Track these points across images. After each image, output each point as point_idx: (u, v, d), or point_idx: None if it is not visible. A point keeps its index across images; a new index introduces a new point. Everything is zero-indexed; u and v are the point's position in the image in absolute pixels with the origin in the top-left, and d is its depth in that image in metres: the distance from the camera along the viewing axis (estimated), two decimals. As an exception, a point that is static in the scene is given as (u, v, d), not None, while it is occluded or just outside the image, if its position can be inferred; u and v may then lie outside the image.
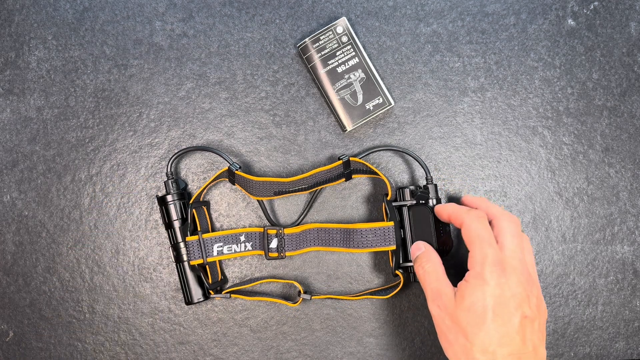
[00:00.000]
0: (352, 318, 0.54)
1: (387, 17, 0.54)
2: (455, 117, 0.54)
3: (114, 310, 0.54)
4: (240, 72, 0.54)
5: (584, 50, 0.54)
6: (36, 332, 0.54)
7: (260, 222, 0.54)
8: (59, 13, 0.55)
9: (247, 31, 0.54)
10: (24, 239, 0.54)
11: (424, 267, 0.46)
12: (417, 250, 0.48)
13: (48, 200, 0.54)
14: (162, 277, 0.54)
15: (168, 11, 0.54)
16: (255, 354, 0.54)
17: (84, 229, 0.54)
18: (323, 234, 0.52)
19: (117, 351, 0.54)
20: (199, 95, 0.54)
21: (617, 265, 0.53)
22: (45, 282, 0.54)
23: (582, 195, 0.54)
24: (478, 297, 0.41)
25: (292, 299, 0.54)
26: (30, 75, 0.55)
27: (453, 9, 0.54)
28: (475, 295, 0.41)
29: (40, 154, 0.54)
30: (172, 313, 0.54)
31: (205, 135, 0.54)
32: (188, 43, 0.54)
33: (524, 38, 0.54)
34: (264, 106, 0.54)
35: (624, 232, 0.53)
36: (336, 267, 0.54)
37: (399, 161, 0.54)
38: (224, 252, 0.52)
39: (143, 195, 0.54)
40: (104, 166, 0.54)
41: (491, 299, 0.40)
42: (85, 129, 0.54)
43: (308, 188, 0.53)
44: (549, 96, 0.54)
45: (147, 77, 0.54)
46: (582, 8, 0.54)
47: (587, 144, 0.54)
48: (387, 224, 0.51)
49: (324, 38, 0.52)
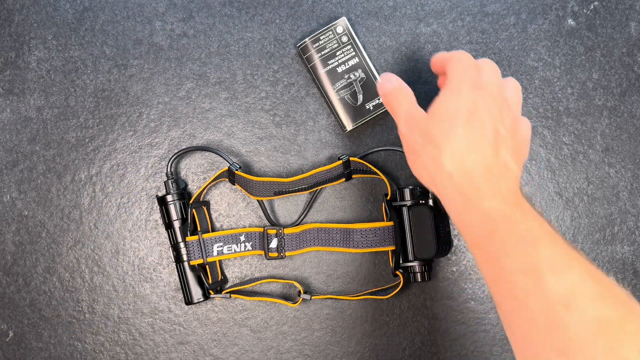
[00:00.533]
0: (352, 318, 0.54)
1: (387, 17, 0.54)
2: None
3: (114, 310, 0.54)
4: (240, 72, 0.54)
5: (584, 50, 0.54)
6: (36, 332, 0.54)
7: (260, 222, 0.54)
8: (59, 13, 0.55)
9: (247, 31, 0.54)
10: (24, 239, 0.54)
11: (398, 98, 0.43)
12: (388, 82, 0.44)
13: (48, 200, 0.54)
14: (162, 277, 0.54)
15: (168, 11, 0.54)
16: (255, 354, 0.54)
17: (83, 229, 0.54)
18: (323, 234, 0.52)
19: (117, 351, 0.54)
20: (199, 95, 0.54)
21: (617, 266, 0.53)
22: (45, 282, 0.54)
23: (582, 195, 0.54)
24: (451, 105, 0.39)
25: (292, 299, 0.54)
26: (30, 75, 0.55)
27: (453, 9, 0.54)
28: (448, 103, 0.39)
29: (40, 154, 0.54)
30: (172, 313, 0.54)
31: (205, 135, 0.54)
32: (188, 43, 0.54)
33: (524, 38, 0.54)
34: (264, 106, 0.54)
35: (624, 232, 0.53)
36: (336, 267, 0.54)
37: (399, 161, 0.54)
38: (224, 252, 0.52)
39: (143, 195, 0.54)
40: (103, 166, 0.54)
41: (464, 106, 0.38)
42: (85, 129, 0.54)
43: (308, 188, 0.53)
44: (549, 96, 0.54)
45: (147, 77, 0.54)
46: (582, 8, 0.54)
47: (587, 144, 0.54)
48: (387, 224, 0.51)
49: (324, 38, 0.52)
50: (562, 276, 0.32)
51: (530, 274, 0.33)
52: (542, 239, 0.34)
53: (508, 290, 0.35)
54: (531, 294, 0.33)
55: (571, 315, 0.31)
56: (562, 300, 0.31)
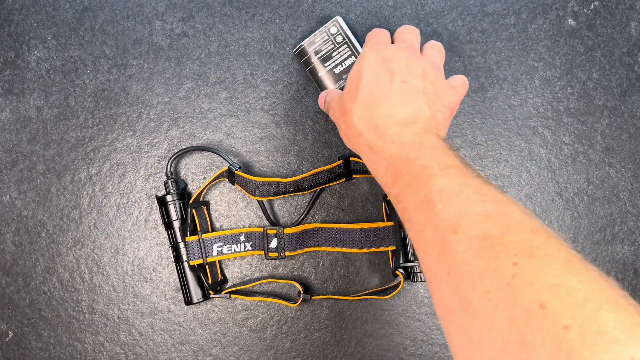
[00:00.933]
0: (352, 318, 0.54)
1: (387, 17, 0.54)
2: (455, 117, 0.54)
3: (114, 311, 0.54)
4: (240, 72, 0.54)
5: (585, 50, 0.54)
6: (36, 333, 0.54)
7: (260, 222, 0.54)
8: (59, 13, 0.55)
9: (247, 31, 0.54)
10: (24, 239, 0.54)
11: (326, 99, 0.48)
12: (320, 97, 0.49)
13: (47, 200, 0.54)
14: (161, 277, 0.54)
15: (168, 11, 0.54)
16: (255, 354, 0.54)
17: (83, 229, 0.54)
18: (323, 234, 0.52)
19: (116, 351, 0.54)
20: (198, 95, 0.54)
21: (618, 266, 0.53)
22: (45, 282, 0.54)
23: (582, 195, 0.54)
24: (355, 70, 0.41)
25: (292, 299, 0.54)
26: (29, 75, 0.54)
27: (453, 9, 0.54)
28: (353, 70, 0.42)
29: (40, 154, 0.54)
30: (171, 313, 0.54)
31: (205, 135, 0.54)
32: (188, 43, 0.54)
33: (524, 38, 0.54)
34: (263, 106, 0.54)
35: (625, 232, 0.53)
36: (336, 267, 0.54)
37: (399, 161, 0.54)
38: (224, 252, 0.52)
39: (143, 195, 0.54)
40: (103, 166, 0.54)
41: (366, 66, 0.41)
42: (84, 128, 0.54)
43: (308, 188, 0.53)
44: (549, 96, 0.54)
45: (147, 77, 0.54)
46: (582, 8, 0.54)
47: (588, 144, 0.54)
48: (387, 224, 0.51)
49: (319, 40, 0.51)
50: (451, 203, 0.32)
51: (423, 206, 0.33)
52: (435, 172, 0.34)
53: (410, 230, 0.35)
54: (426, 226, 0.32)
55: (457, 238, 0.30)
56: (451, 226, 0.31)
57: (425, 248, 0.32)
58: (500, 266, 0.27)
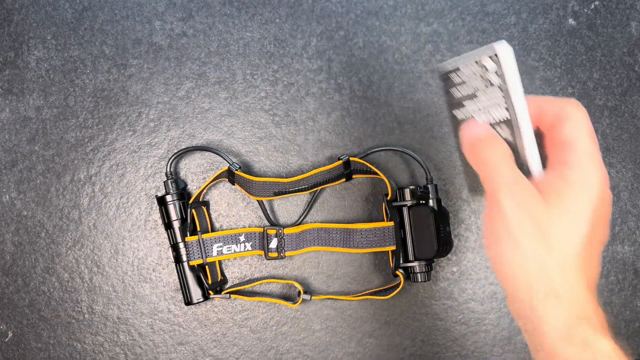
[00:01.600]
0: (352, 318, 0.53)
1: (387, 17, 0.54)
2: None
3: (113, 311, 0.54)
4: (240, 72, 0.54)
5: (585, 49, 0.54)
6: (35, 333, 0.54)
7: (260, 222, 0.54)
8: (58, 12, 0.55)
9: (247, 31, 0.54)
10: (23, 239, 0.54)
11: (487, 152, 0.32)
12: (475, 129, 0.34)
13: (47, 200, 0.54)
14: (161, 277, 0.54)
15: (167, 11, 0.54)
16: (255, 354, 0.54)
17: (83, 229, 0.54)
18: (323, 234, 0.52)
19: (116, 352, 0.54)
20: (198, 95, 0.54)
21: (618, 266, 0.53)
22: (45, 282, 0.54)
23: (582, 195, 0.53)
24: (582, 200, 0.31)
25: (292, 299, 0.54)
26: (29, 75, 0.54)
27: (453, 9, 0.54)
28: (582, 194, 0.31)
29: (40, 154, 0.54)
30: (171, 313, 0.54)
31: (204, 135, 0.54)
32: (187, 43, 0.54)
33: (525, 37, 0.54)
34: (263, 106, 0.54)
35: (625, 232, 0.53)
36: (336, 267, 0.54)
37: (399, 161, 0.54)
38: (224, 252, 0.52)
39: (142, 195, 0.54)
40: (103, 166, 0.54)
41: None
42: (84, 128, 0.54)
43: (308, 188, 0.52)
44: (550, 96, 0.54)
45: (147, 76, 0.54)
46: (582, 7, 0.54)
47: (588, 143, 0.54)
48: (387, 224, 0.51)
49: (467, 70, 0.33)
50: None
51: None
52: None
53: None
54: None
55: None
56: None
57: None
58: None
